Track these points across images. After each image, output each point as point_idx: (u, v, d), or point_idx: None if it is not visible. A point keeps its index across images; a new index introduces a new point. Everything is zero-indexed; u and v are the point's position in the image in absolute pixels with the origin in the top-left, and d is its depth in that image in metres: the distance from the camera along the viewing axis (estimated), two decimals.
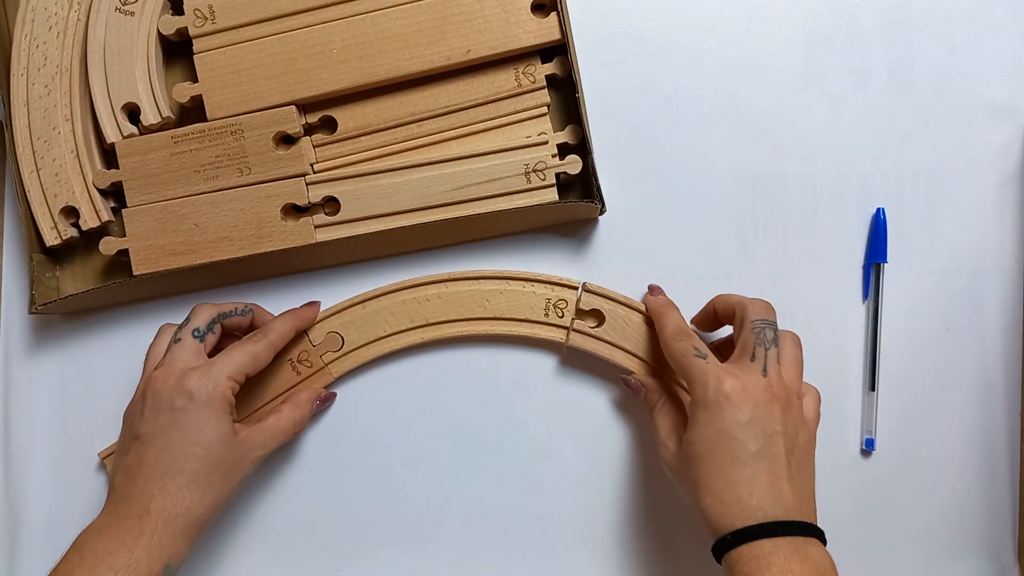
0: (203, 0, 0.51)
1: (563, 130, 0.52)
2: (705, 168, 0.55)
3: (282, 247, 0.51)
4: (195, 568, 0.55)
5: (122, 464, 0.47)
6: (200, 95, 0.51)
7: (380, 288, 0.54)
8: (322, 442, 0.56)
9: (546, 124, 0.53)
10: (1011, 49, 0.55)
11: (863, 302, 0.55)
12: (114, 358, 0.55)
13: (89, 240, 0.54)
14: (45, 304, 0.51)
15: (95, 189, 0.52)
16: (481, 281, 0.54)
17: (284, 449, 0.55)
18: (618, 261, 0.55)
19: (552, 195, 0.51)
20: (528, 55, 0.52)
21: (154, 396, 0.47)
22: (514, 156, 0.51)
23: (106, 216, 0.53)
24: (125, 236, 0.52)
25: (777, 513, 0.42)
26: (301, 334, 0.53)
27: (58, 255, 0.55)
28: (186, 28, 0.51)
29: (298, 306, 0.54)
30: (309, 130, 0.53)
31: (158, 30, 0.52)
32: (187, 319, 0.50)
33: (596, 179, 0.51)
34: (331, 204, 0.52)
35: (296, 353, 0.54)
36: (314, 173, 0.52)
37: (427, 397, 0.55)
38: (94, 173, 0.53)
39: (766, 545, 0.41)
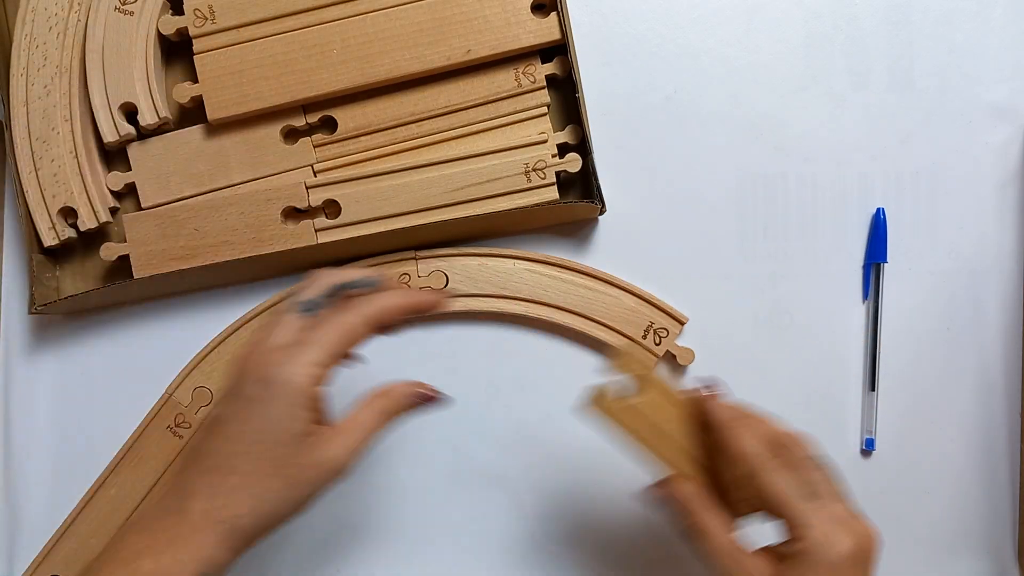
0: (203, 0, 0.51)
1: (563, 130, 0.52)
2: (705, 168, 0.55)
3: (283, 249, 0.51)
4: None
5: (190, 443, 0.41)
6: (200, 96, 0.51)
7: (226, 328, 0.54)
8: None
9: (546, 124, 0.53)
10: (1011, 49, 0.55)
11: (863, 302, 0.55)
12: (114, 358, 0.55)
13: (89, 240, 0.54)
14: (45, 304, 0.51)
15: (95, 189, 0.52)
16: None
17: None
18: (618, 261, 0.55)
19: (552, 194, 0.51)
20: (528, 55, 0.52)
21: (238, 376, 0.39)
22: (514, 155, 0.51)
23: (104, 217, 0.52)
24: (125, 239, 0.52)
25: None
26: (171, 400, 0.53)
27: (58, 255, 0.55)
28: (186, 28, 0.51)
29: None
30: (309, 130, 0.53)
31: (158, 30, 0.52)
32: (304, 287, 0.42)
33: (596, 179, 0.51)
34: (332, 206, 0.52)
35: (172, 418, 0.53)
36: (315, 176, 0.52)
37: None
38: (107, 175, 0.53)
39: None
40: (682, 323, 0.54)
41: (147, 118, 0.52)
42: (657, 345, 0.53)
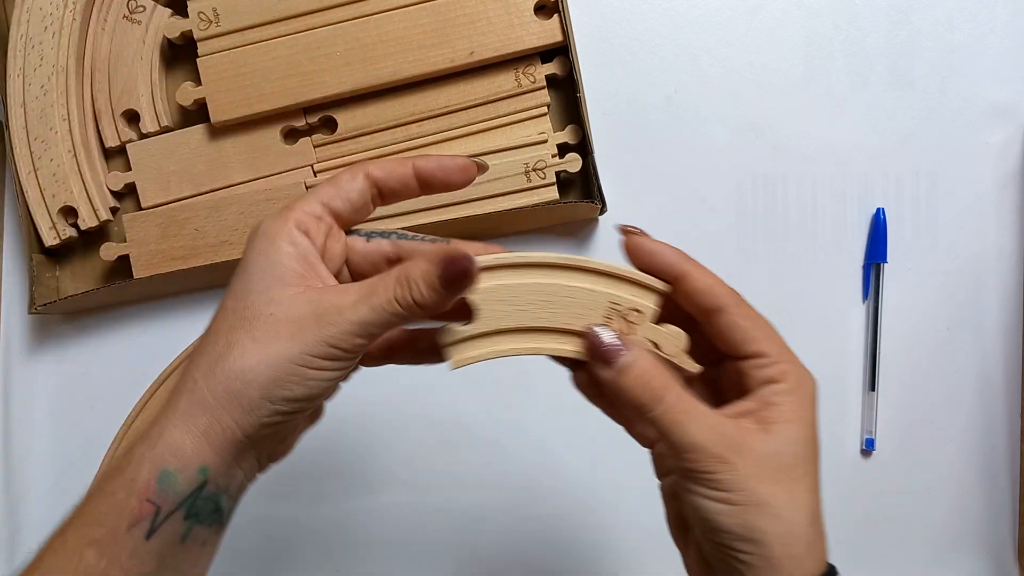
0: (207, 3, 0.53)
1: (563, 130, 0.55)
2: (705, 168, 0.57)
3: None
4: None
5: None
6: (203, 98, 0.54)
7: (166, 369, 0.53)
8: (322, 442, 0.57)
9: (546, 124, 0.55)
10: (1011, 49, 0.57)
11: (863, 302, 0.57)
12: (114, 358, 0.58)
13: (89, 240, 0.56)
14: (45, 304, 0.53)
15: (95, 188, 0.54)
16: None
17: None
18: (618, 261, 0.57)
19: (552, 193, 0.53)
20: (528, 56, 0.54)
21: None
22: (514, 155, 0.53)
23: (105, 215, 0.55)
24: (125, 238, 0.54)
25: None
26: None
27: (58, 255, 0.57)
28: (190, 31, 0.53)
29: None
30: (309, 130, 0.55)
31: (164, 36, 0.54)
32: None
33: (597, 179, 0.53)
34: None
35: None
36: (315, 176, 0.55)
37: (427, 396, 0.57)
38: (107, 175, 0.55)
39: None
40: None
41: (148, 126, 0.55)
42: None
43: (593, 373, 0.35)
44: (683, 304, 0.36)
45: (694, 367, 0.36)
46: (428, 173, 0.36)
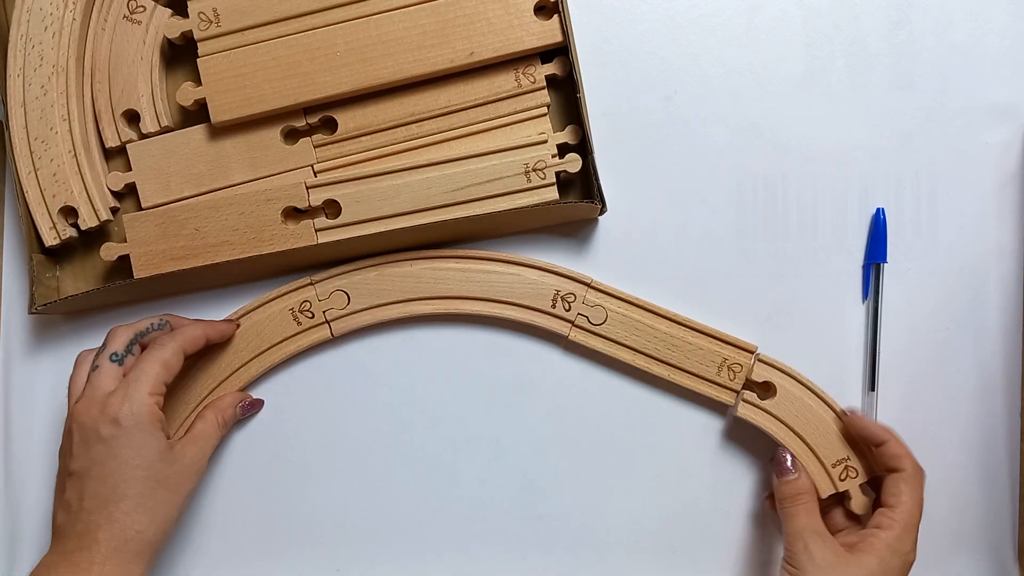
0: (207, 3, 0.53)
1: (563, 130, 0.55)
2: (705, 168, 0.58)
3: (283, 249, 0.54)
4: (193, 569, 0.58)
5: (61, 502, 0.49)
6: (203, 98, 0.54)
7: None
8: (322, 441, 0.58)
9: (546, 124, 0.55)
10: (1011, 49, 0.58)
11: (863, 302, 0.58)
12: None
13: (89, 240, 0.56)
14: (45, 304, 0.54)
15: (95, 188, 0.55)
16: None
17: (283, 448, 0.58)
18: (618, 261, 0.58)
19: (552, 194, 0.54)
20: (528, 56, 0.54)
21: (80, 429, 0.48)
22: (514, 156, 0.54)
23: (105, 215, 0.55)
24: (125, 238, 0.54)
25: None
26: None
27: (58, 255, 0.57)
28: (190, 31, 0.54)
29: (219, 320, 0.56)
30: (309, 130, 0.56)
31: (164, 36, 0.55)
32: (103, 344, 0.51)
33: (597, 179, 0.53)
34: (332, 206, 0.54)
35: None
36: (315, 176, 0.55)
37: (428, 396, 0.58)
38: (107, 175, 0.56)
39: None
40: (587, 284, 0.56)
41: (149, 126, 0.55)
42: (567, 311, 0.56)
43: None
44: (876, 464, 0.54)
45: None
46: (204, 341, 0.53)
